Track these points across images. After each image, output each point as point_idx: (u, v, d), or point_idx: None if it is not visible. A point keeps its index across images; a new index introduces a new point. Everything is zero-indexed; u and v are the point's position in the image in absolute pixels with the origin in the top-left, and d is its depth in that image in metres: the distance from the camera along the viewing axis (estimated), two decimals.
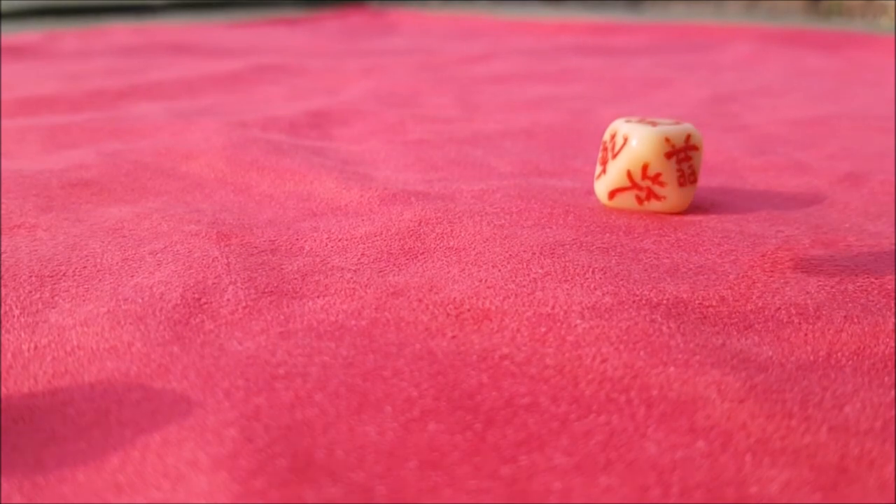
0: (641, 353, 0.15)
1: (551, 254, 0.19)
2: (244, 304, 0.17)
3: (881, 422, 0.13)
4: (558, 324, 0.16)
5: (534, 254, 0.19)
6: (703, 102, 0.45)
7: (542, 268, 0.18)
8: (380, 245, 0.20)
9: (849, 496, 0.11)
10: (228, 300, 0.17)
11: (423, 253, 0.20)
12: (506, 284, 0.18)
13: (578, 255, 0.19)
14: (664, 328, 0.15)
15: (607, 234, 0.21)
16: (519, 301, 0.17)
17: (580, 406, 0.13)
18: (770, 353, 0.15)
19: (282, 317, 0.16)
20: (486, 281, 0.18)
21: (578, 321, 0.16)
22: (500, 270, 0.18)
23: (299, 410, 0.13)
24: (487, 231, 0.21)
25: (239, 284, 0.18)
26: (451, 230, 0.21)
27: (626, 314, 0.16)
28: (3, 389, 0.14)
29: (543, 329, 0.16)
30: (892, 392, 0.13)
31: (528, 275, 0.18)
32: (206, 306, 0.17)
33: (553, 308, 0.16)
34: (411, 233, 0.21)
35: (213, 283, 0.18)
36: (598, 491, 0.11)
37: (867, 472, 0.12)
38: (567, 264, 0.19)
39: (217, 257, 0.19)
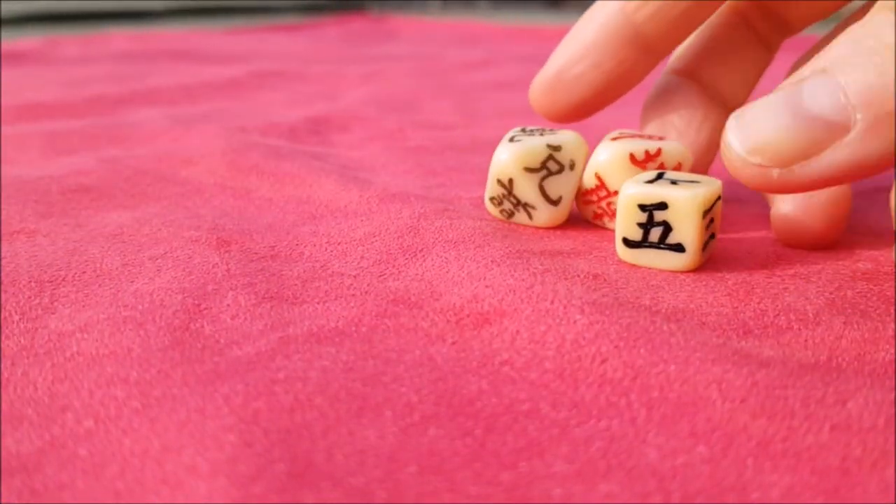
0: (642, 350, 0.15)
1: (551, 257, 0.19)
2: (244, 309, 0.17)
3: (884, 419, 0.12)
4: (558, 320, 0.16)
5: (533, 254, 0.19)
6: None
7: (541, 264, 0.18)
8: (379, 246, 0.20)
9: (851, 499, 0.11)
10: (228, 305, 0.17)
11: (422, 250, 0.20)
12: (505, 280, 0.17)
13: (576, 261, 0.19)
14: (664, 327, 0.15)
15: (605, 242, 0.21)
16: (518, 298, 0.17)
17: (580, 411, 0.13)
18: (771, 353, 0.15)
19: (282, 322, 0.16)
20: (485, 279, 0.18)
21: (578, 316, 0.16)
22: (499, 266, 0.18)
23: (299, 414, 0.13)
24: (487, 228, 0.21)
25: (239, 290, 0.18)
26: (451, 224, 0.21)
27: (627, 312, 0.16)
28: (3, 395, 0.14)
29: (543, 328, 0.16)
30: (894, 394, 0.13)
31: (528, 269, 0.18)
32: (205, 311, 0.17)
33: (553, 303, 0.16)
34: (410, 229, 0.21)
35: (213, 289, 0.18)
36: (599, 497, 0.11)
37: (869, 474, 0.11)
38: (567, 267, 0.19)
39: (217, 263, 0.19)
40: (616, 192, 0.21)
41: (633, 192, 0.19)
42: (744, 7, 0.24)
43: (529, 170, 0.21)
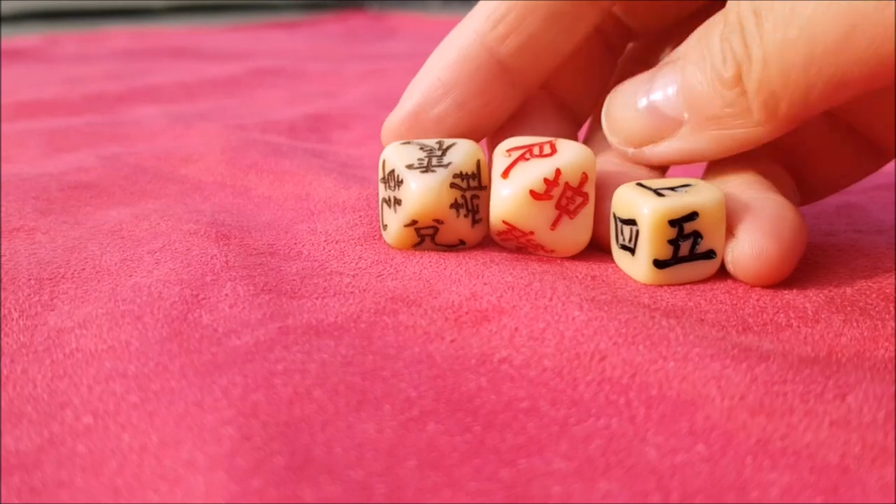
0: (640, 346, 0.15)
1: (548, 259, 0.19)
2: (242, 299, 0.17)
3: (884, 413, 0.12)
4: (556, 317, 0.16)
5: (531, 258, 0.19)
6: None
7: (539, 265, 0.18)
8: (377, 244, 0.20)
9: (850, 497, 0.11)
10: (227, 295, 0.17)
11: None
12: (503, 277, 0.17)
13: (575, 265, 0.19)
14: (663, 322, 0.15)
15: (604, 251, 0.21)
16: (516, 295, 0.17)
17: (579, 409, 0.13)
18: (770, 348, 0.15)
19: (280, 313, 0.16)
20: (483, 276, 0.18)
21: (577, 312, 0.16)
22: (497, 264, 0.18)
23: (298, 407, 0.13)
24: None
25: (237, 281, 0.18)
26: None
27: (625, 308, 0.16)
28: (3, 393, 0.14)
29: (542, 325, 0.16)
30: (894, 388, 0.13)
31: (527, 268, 0.18)
32: (203, 301, 0.17)
33: (551, 300, 0.16)
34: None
35: (212, 280, 0.18)
36: (598, 496, 0.11)
37: (868, 471, 0.11)
38: (565, 269, 0.19)
39: (216, 255, 0.19)
40: (532, 232, 0.19)
41: (658, 208, 0.17)
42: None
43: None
